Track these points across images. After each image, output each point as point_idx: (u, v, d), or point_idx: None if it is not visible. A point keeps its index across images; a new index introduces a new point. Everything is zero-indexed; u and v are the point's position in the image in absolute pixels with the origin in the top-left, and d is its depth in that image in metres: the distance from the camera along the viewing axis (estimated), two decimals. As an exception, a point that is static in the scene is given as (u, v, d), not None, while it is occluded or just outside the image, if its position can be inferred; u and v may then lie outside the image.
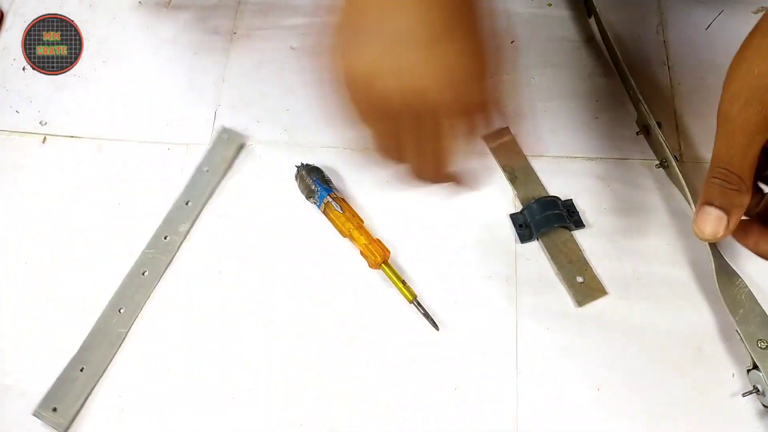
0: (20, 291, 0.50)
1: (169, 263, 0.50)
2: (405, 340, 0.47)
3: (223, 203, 0.52)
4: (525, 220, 0.50)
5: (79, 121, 0.56)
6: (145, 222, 0.51)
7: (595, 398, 0.45)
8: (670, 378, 0.45)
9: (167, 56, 0.59)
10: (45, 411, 0.45)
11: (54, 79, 0.58)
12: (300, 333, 0.48)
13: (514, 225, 0.50)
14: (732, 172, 0.33)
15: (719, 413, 0.44)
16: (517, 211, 0.51)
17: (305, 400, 0.46)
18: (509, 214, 0.51)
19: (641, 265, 0.49)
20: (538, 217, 0.49)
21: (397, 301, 0.48)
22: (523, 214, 0.50)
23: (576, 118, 0.55)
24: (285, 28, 0.59)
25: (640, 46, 0.57)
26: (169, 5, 0.61)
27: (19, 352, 0.48)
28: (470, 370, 0.46)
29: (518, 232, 0.50)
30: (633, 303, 0.48)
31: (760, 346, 0.43)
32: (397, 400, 0.46)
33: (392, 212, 0.51)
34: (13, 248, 0.51)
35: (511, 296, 0.48)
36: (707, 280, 0.47)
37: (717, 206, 0.33)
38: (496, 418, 0.45)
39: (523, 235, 0.50)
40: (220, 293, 0.49)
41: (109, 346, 0.47)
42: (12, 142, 0.56)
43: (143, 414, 0.46)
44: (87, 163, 0.54)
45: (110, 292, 0.49)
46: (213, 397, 0.46)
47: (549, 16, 0.59)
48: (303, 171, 0.51)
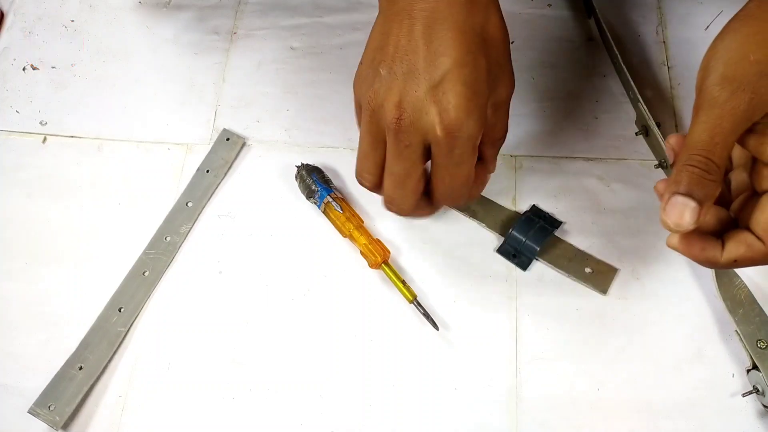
0: (20, 291, 0.50)
1: (170, 263, 0.50)
2: (405, 340, 0.47)
3: (223, 203, 0.52)
4: (514, 249, 0.49)
5: (79, 121, 0.56)
6: (145, 222, 0.51)
7: (595, 398, 0.45)
8: (670, 378, 0.45)
9: (167, 56, 0.59)
10: (40, 408, 0.45)
11: (54, 79, 0.58)
12: (300, 333, 0.48)
13: (507, 258, 0.49)
14: (713, 161, 0.31)
15: (719, 413, 0.44)
16: (500, 244, 0.49)
17: (305, 400, 0.46)
18: (495, 250, 0.50)
19: (641, 265, 0.49)
20: (525, 242, 0.48)
21: (397, 301, 0.48)
22: (508, 245, 0.49)
23: (575, 118, 0.55)
24: (285, 28, 0.59)
25: (640, 46, 0.57)
26: (169, 5, 0.61)
27: (19, 352, 0.48)
28: (470, 370, 0.46)
29: (515, 263, 0.49)
30: (633, 303, 0.48)
31: (760, 346, 0.43)
32: (397, 400, 0.46)
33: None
34: (13, 248, 0.51)
35: (511, 296, 0.48)
36: (707, 280, 0.47)
37: (693, 197, 0.30)
38: (496, 418, 0.45)
39: (522, 262, 0.48)
40: (220, 293, 0.49)
41: (108, 345, 0.47)
42: (12, 142, 0.56)
43: (142, 414, 0.46)
44: (87, 163, 0.54)
45: (110, 292, 0.49)
46: (213, 397, 0.46)
47: (549, 16, 0.59)
48: (303, 171, 0.51)
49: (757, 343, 0.43)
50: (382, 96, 0.37)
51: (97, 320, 0.48)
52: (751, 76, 0.30)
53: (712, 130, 0.31)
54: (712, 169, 0.31)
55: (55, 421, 0.45)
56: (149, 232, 0.51)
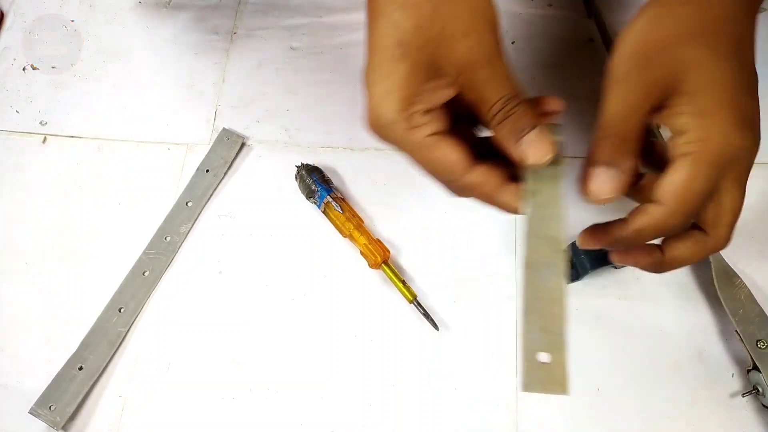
0: (20, 291, 0.50)
1: (170, 263, 0.50)
2: (405, 340, 0.47)
3: (223, 203, 0.52)
4: (570, 259, 0.46)
5: (79, 121, 0.56)
6: (145, 222, 0.51)
7: (595, 398, 0.45)
8: (670, 378, 0.45)
9: (167, 56, 0.59)
10: (41, 409, 0.45)
11: (54, 79, 0.58)
12: (300, 333, 0.48)
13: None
14: (627, 133, 0.32)
15: (719, 413, 0.44)
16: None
17: (305, 400, 0.46)
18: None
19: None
20: (582, 256, 0.46)
21: (397, 301, 0.48)
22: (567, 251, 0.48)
23: (576, 118, 0.55)
24: (285, 28, 0.59)
25: (640, 47, 0.57)
26: (169, 5, 0.61)
27: (19, 352, 0.48)
28: (470, 370, 0.46)
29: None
30: (633, 303, 0.48)
31: (760, 346, 0.43)
32: (397, 400, 0.46)
33: (392, 212, 0.51)
34: (13, 248, 0.51)
35: (511, 296, 0.48)
36: (707, 280, 0.47)
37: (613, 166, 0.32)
38: (496, 418, 0.45)
39: (570, 275, 0.46)
40: (220, 293, 0.49)
41: (108, 345, 0.47)
42: (12, 142, 0.56)
43: (143, 413, 0.46)
44: (87, 163, 0.55)
45: (110, 292, 0.49)
46: (213, 397, 0.46)
47: (549, 16, 0.59)
48: (303, 171, 0.51)
49: (757, 343, 0.43)
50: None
51: (97, 320, 0.48)
52: (654, 53, 0.31)
53: (623, 103, 0.32)
54: (628, 141, 0.32)
55: (55, 421, 0.45)
56: (149, 232, 0.51)
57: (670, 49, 0.31)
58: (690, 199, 0.31)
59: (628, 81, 0.32)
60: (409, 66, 0.32)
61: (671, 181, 0.31)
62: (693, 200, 0.31)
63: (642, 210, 0.33)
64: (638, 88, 0.31)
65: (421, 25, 0.31)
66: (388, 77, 0.32)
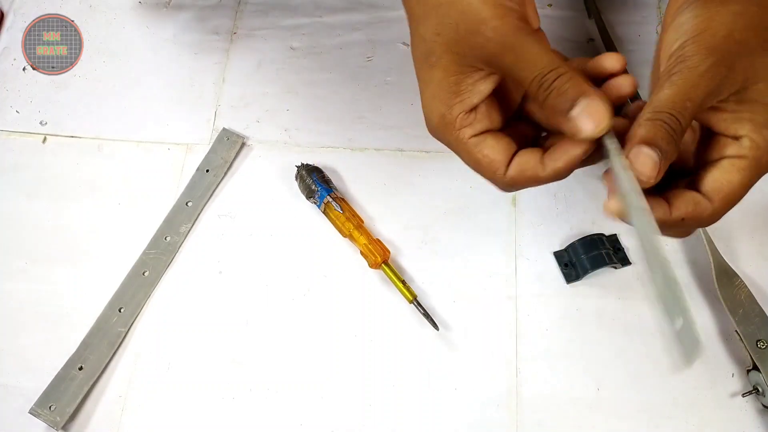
0: (20, 290, 0.50)
1: (170, 263, 0.50)
2: (405, 340, 0.47)
3: (223, 203, 0.52)
4: (570, 259, 0.49)
5: (79, 121, 0.56)
6: (145, 222, 0.51)
7: (595, 398, 0.45)
8: (670, 378, 0.45)
9: (167, 56, 0.59)
10: (41, 409, 0.45)
11: (54, 79, 0.58)
12: (300, 333, 0.48)
13: (559, 264, 0.49)
14: (680, 122, 0.30)
15: (719, 413, 0.44)
16: (561, 249, 0.49)
17: (305, 400, 0.46)
18: (553, 252, 0.49)
19: (641, 265, 0.49)
20: (582, 257, 0.47)
21: (397, 301, 0.48)
22: (567, 253, 0.49)
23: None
24: (285, 28, 0.59)
25: (640, 47, 0.57)
26: (169, 5, 0.61)
27: (19, 352, 0.48)
28: (470, 370, 0.46)
29: (564, 272, 0.48)
30: (633, 303, 0.48)
31: (760, 346, 0.43)
32: (397, 400, 0.46)
33: (392, 212, 0.51)
34: (13, 248, 0.51)
35: (511, 296, 0.48)
36: (707, 280, 0.47)
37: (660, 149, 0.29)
38: (496, 418, 0.45)
39: (569, 275, 0.48)
40: (220, 293, 0.49)
41: (108, 345, 0.47)
42: (12, 142, 0.56)
43: (142, 414, 0.46)
44: (87, 163, 0.54)
45: (110, 292, 0.49)
46: (213, 397, 0.46)
47: (549, 16, 0.59)
48: (303, 171, 0.51)
49: (757, 343, 0.43)
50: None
51: (97, 320, 0.48)
52: (734, 55, 0.31)
53: (685, 94, 0.30)
54: (678, 130, 0.30)
55: (55, 421, 0.45)
56: (149, 232, 0.51)
57: (752, 56, 0.31)
58: (734, 203, 0.32)
59: (696, 73, 0.30)
60: (441, 72, 0.33)
61: (728, 181, 0.31)
62: (735, 203, 0.32)
63: (688, 199, 0.32)
64: (712, 83, 0.30)
65: (439, 32, 0.33)
66: (427, 86, 0.34)
